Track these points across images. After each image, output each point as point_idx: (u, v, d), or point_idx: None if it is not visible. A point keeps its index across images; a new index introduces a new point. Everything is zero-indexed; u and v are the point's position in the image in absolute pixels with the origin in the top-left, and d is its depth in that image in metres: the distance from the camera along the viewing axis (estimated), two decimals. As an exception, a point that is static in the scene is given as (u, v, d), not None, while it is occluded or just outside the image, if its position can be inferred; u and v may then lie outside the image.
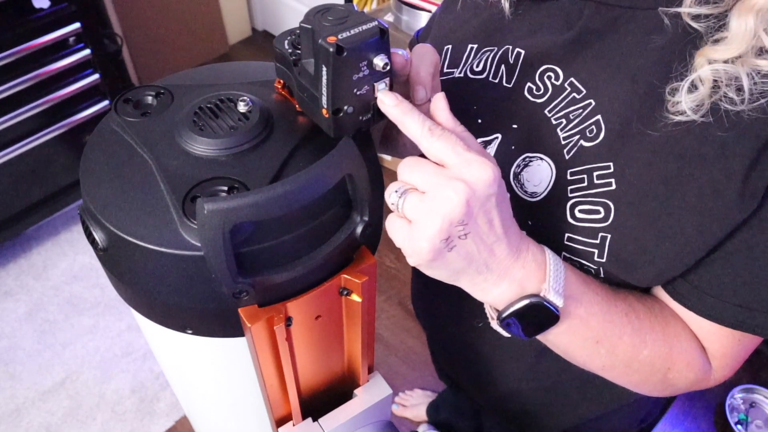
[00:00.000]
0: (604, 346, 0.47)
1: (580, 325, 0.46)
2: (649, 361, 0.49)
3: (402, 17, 1.72)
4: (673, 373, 0.50)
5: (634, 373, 0.50)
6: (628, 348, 0.48)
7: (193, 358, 0.50)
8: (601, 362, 0.49)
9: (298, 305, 0.42)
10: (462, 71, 0.57)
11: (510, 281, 0.43)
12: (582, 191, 0.47)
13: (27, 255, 1.92)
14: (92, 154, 0.44)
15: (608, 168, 0.46)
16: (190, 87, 0.47)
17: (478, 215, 0.38)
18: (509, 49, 0.53)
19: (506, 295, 0.43)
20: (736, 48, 0.39)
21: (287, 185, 0.35)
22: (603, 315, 0.46)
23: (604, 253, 0.47)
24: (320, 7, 0.40)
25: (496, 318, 0.45)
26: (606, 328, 0.47)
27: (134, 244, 0.38)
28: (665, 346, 0.48)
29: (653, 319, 0.49)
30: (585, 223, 0.47)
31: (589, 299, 0.46)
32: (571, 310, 0.45)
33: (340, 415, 0.53)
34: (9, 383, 1.62)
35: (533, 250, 0.43)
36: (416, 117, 0.40)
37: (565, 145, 0.49)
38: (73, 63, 1.66)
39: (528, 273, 0.43)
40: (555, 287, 0.43)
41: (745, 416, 0.86)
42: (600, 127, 0.47)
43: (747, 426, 0.84)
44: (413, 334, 1.76)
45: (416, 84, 0.43)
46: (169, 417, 1.58)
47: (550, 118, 0.50)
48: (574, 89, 0.49)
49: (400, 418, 1.58)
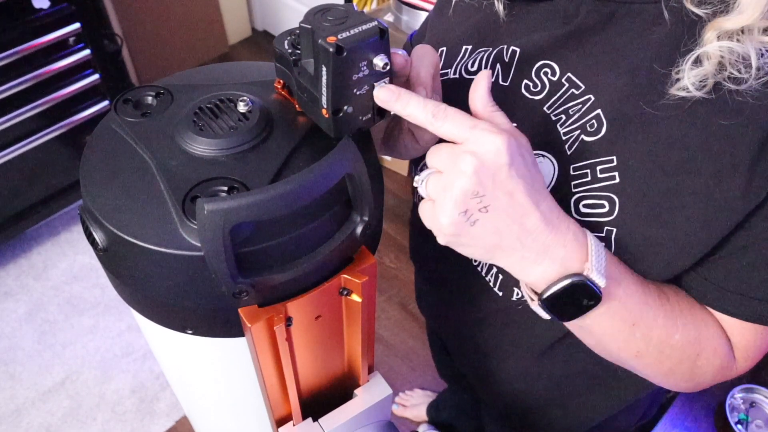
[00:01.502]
0: (640, 329, 0.47)
1: (619, 307, 0.46)
2: (680, 346, 0.48)
3: (402, 17, 1.72)
4: (702, 360, 0.49)
5: (666, 359, 0.49)
6: (662, 331, 0.47)
7: (193, 358, 0.50)
8: (636, 347, 0.48)
9: (298, 305, 0.42)
10: (457, 71, 0.57)
11: (552, 260, 0.42)
12: (585, 186, 0.47)
13: (27, 255, 1.92)
14: (92, 154, 0.44)
15: (611, 162, 0.46)
16: (190, 87, 0.47)
17: (495, 186, 0.38)
18: (504, 48, 0.53)
19: (548, 274, 0.43)
20: (748, 15, 0.39)
21: (287, 185, 0.35)
22: (640, 296, 0.46)
23: (611, 246, 0.47)
24: (320, 7, 0.40)
25: (536, 299, 0.45)
26: (642, 309, 0.46)
27: (134, 244, 0.38)
28: (695, 330, 0.48)
29: (683, 304, 0.48)
30: (590, 217, 0.47)
31: (627, 281, 0.46)
32: (612, 291, 0.44)
33: (340, 415, 0.53)
34: (9, 383, 1.62)
35: (573, 229, 0.43)
36: (418, 104, 0.40)
37: (566, 140, 0.49)
38: (73, 63, 1.65)
39: (570, 252, 0.42)
40: (597, 267, 0.42)
41: (746, 416, 0.85)
42: (601, 121, 0.47)
43: (747, 426, 0.84)
44: (413, 334, 1.76)
45: (417, 85, 0.44)
46: (169, 417, 1.58)
47: (549, 114, 0.50)
48: (572, 84, 0.49)
49: (400, 418, 1.58)
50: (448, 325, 0.76)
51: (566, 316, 0.45)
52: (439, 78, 0.47)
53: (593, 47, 0.48)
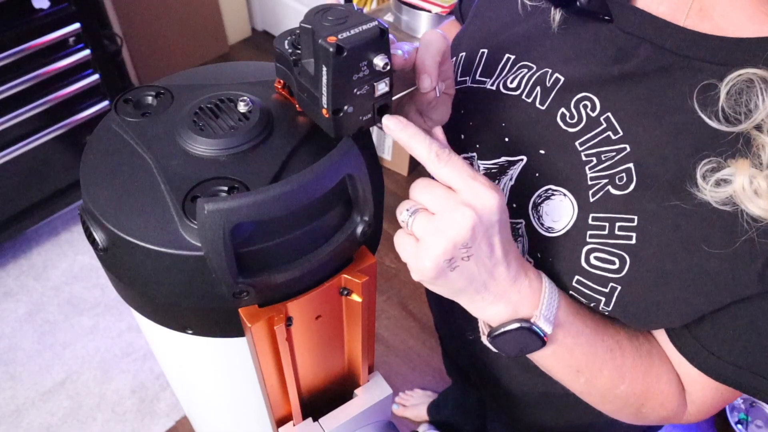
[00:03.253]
0: (584, 375, 0.49)
1: (564, 353, 0.48)
2: (624, 396, 0.50)
3: (402, 17, 1.72)
4: (646, 409, 0.51)
5: (609, 403, 0.52)
6: (606, 381, 0.49)
7: (193, 358, 0.50)
8: (579, 389, 0.51)
9: (299, 305, 0.42)
10: (495, 84, 0.54)
11: (506, 303, 0.44)
12: (601, 239, 0.46)
13: (27, 255, 1.92)
14: (92, 154, 0.44)
15: (632, 221, 0.45)
16: (190, 87, 0.47)
17: (482, 240, 0.40)
18: (548, 73, 0.51)
19: (500, 315, 0.45)
20: None
21: (287, 185, 0.35)
22: (588, 347, 0.48)
23: (611, 302, 0.47)
24: (320, 7, 0.40)
25: (486, 334, 0.47)
26: (589, 360, 0.48)
27: (134, 244, 0.38)
28: (643, 385, 0.50)
29: (638, 360, 0.50)
30: (598, 270, 0.47)
31: (578, 330, 0.47)
32: (559, 338, 0.47)
33: (340, 415, 0.53)
34: (9, 384, 1.62)
35: (531, 277, 0.45)
36: (423, 142, 0.41)
37: (591, 186, 0.47)
38: (73, 63, 1.65)
39: (523, 298, 0.44)
40: (546, 315, 0.44)
41: (746, 416, 0.85)
42: (631, 177, 0.45)
43: (747, 425, 0.84)
44: (413, 334, 1.76)
45: (421, 72, 0.44)
46: (169, 417, 1.58)
47: (580, 152, 0.48)
48: (610, 127, 0.46)
49: (400, 418, 1.58)
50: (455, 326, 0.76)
51: (512, 353, 0.47)
52: (450, 66, 0.46)
53: (641, 94, 0.45)
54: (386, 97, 0.42)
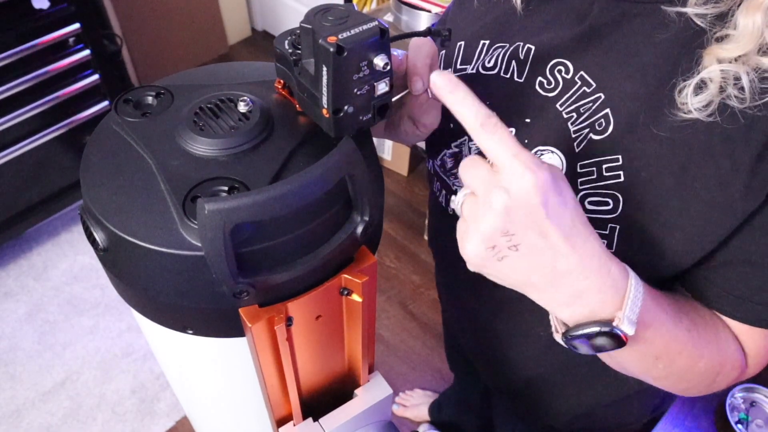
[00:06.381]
0: (662, 361, 0.46)
1: (643, 346, 0.45)
2: (703, 371, 0.48)
3: (402, 17, 1.72)
4: (721, 377, 0.49)
5: (685, 382, 0.49)
6: (686, 362, 0.47)
7: (193, 358, 0.50)
8: (657, 374, 0.48)
9: (299, 305, 0.42)
10: (474, 68, 0.58)
11: (582, 306, 0.40)
12: (591, 183, 0.48)
13: (27, 256, 1.92)
14: (92, 154, 0.44)
15: (617, 161, 0.46)
16: (190, 87, 0.47)
17: (527, 226, 0.37)
18: (520, 46, 0.54)
19: (576, 316, 0.41)
20: (744, 45, 0.40)
21: (287, 185, 0.35)
22: (668, 334, 0.45)
23: (614, 243, 0.48)
24: (320, 7, 0.40)
25: (561, 333, 0.43)
26: (668, 345, 0.45)
27: (134, 244, 0.38)
28: (719, 355, 0.48)
29: (710, 331, 0.48)
30: (594, 214, 0.48)
31: (660, 322, 0.44)
32: (639, 334, 0.42)
33: (340, 415, 0.53)
34: (9, 384, 1.62)
35: (615, 274, 0.40)
36: (471, 107, 0.38)
37: (575, 138, 0.49)
38: (73, 63, 1.66)
39: (604, 299, 0.40)
40: (629, 316, 0.40)
41: (746, 415, 0.85)
42: (609, 120, 0.47)
43: (747, 425, 0.84)
44: (413, 334, 1.76)
45: (413, 75, 0.45)
46: (169, 417, 1.58)
47: (561, 112, 0.51)
48: (584, 83, 0.49)
49: (400, 418, 1.58)
50: (464, 309, 0.77)
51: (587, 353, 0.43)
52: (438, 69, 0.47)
53: (606, 46, 0.49)
54: (386, 97, 0.43)
